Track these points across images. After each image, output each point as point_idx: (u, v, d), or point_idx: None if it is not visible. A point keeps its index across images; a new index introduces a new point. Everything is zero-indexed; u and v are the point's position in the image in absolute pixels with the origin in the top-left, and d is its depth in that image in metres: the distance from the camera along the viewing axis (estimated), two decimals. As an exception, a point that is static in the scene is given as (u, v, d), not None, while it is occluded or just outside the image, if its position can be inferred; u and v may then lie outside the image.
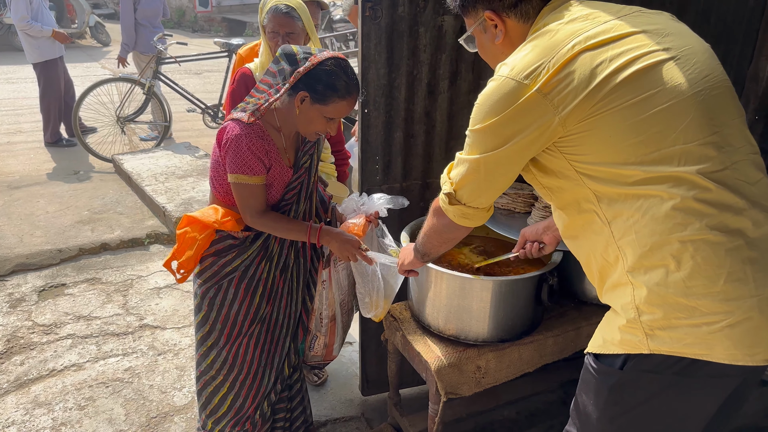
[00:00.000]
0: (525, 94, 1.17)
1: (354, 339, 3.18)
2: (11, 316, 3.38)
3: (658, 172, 1.14)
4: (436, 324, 1.99)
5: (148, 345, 3.15)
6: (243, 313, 2.01)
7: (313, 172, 2.05)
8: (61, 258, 4.04)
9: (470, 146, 1.30)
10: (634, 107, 1.14)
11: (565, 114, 1.16)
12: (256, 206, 1.90)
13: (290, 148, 1.99)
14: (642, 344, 1.20)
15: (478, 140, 1.27)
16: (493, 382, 1.98)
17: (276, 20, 2.42)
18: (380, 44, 2.09)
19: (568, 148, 1.22)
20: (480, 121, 1.25)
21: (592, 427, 1.34)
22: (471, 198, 1.36)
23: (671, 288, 1.15)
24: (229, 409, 2.10)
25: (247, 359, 2.06)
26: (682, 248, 1.14)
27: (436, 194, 2.44)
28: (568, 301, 2.21)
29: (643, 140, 1.15)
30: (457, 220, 1.42)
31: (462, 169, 1.34)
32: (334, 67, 1.79)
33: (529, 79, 1.17)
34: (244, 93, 2.39)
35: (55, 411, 2.67)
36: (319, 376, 2.87)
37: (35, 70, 6.06)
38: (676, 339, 1.17)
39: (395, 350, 2.24)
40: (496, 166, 1.28)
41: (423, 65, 2.18)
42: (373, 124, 2.20)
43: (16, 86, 9.10)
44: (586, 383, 1.35)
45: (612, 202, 1.21)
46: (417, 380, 2.61)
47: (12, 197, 5.04)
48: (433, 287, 1.95)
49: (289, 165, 1.97)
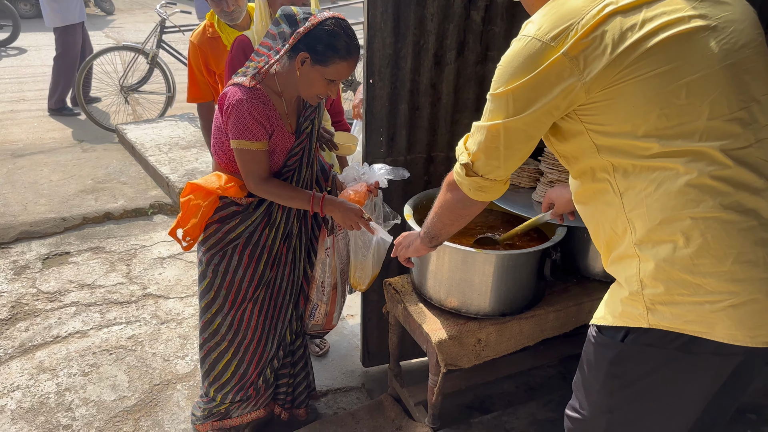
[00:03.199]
0: (551, 56, 1.12)
1: (356, 312, 3.19)
2: (16, 283, 3.40)
3: (678, 147, 1.11)
4: (437, 297, 1.99)
5: (151, 314, 3.17)
6: (248, 279, 2.02)
7: (314, 138, 2.03)
8: (65, 227, 4.05)
9: (491, 112, 1.24)
10: (660, 77, 1.10)
11: (590, 80, 1.12)
12: (259, 172, 1.89)
13: (292, 113, 1.97)
14: (642, 318, 1.20)
15: (500, 105, 1.21)
16: (493, 354, 1.99)
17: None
18: (386, 12, 2.05)
19: (589, 117, 1.18)
20: (503, 83, 1.19)
21: (592, 401, 1.35)
22: (489, 169, 1.30)
23: (677, 264, 1.14)
24: (233, 375, 2.12)
25: (251, 324, 2.08)
26: (693, 225, 1.12)
27: (441, 168, 2.46)
28: (571, 276, 2.20)
29: (667, 113, 1.11)
30: (472, 194, 1.36)
31: (480, 138, 1.28)
32: (335, 27, 1.76)
33: (556, 41, 1.12)
34: (243, 60, 2.34)
35: (60, 376, 2.70)
36: (321, 346, 2.89)
37: (54, 34, 5.96)
38: (677, 315, 1.16)
39: (396, 323, 2.25)
40: (517, 134, 1.23)
41: (430, 35, 2.14)
42: (377, 95, 2.17)
43: (21, 53, 9.03)
44: (587, 355, 1.35)
45: (627, 174, 1.18)
46: (417, 352, 2.63)
47: (16, 165, 5.04)
48: (435, 260, 1.94)
49: (291, 131, 1.95)
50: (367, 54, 2.10)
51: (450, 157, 2.39)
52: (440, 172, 2.40)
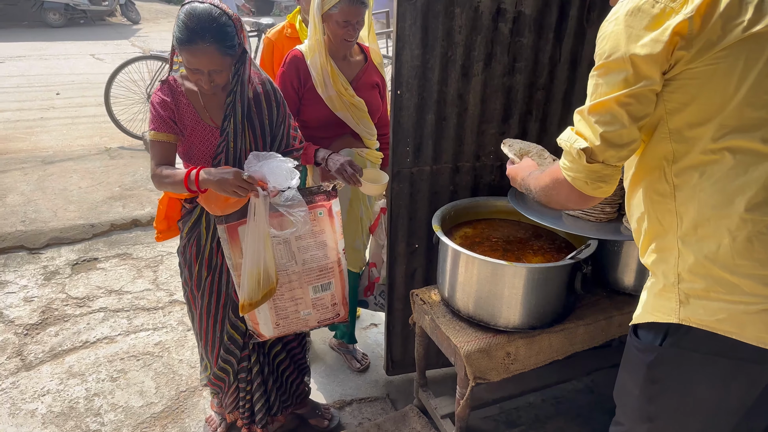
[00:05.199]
0: (671, 17, 1.06)
1: (380, 321, 3.19)
2: (46, 288, 3.47)
3: (747, 144, 1.09)
4: (466, 309, 1.98)
5: (178, 320, 3.21)
6: (190, 279, 2.13)
7: (238, 139, 1.93)
8: (94, 233, 4.12)
9: (604, 85, 1.14)
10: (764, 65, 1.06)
11: (696, 50, 1.06)
12: (154, 162, 1.91)
13: (213, 107, 1.94)
14: (673, 312, 1.18)
15: (616, 75, 1.12)
16: (521, 368, 1.97)
17: (352, 10, 2.22)
18: (415, 25, 2.06)
19: (672, 95, 1.14)
20: (618, 48, 1.11)
21: (632, 407, 1.32)
22: (612, 153, 1.17)
23: (719, 262, 1.12)
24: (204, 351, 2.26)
25: (198, 319, 2.20)
26: (742, 225, 1.10)
27: (467, 178, 2.45)
28: (601, 290, 2.18)
29: (754, 102, 1.07)
30: (590, 188, 1.22)
31: (598, 118, 1.16)
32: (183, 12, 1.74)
33: (675, 2, 1.06)
34: (294, 76, 2.33)
35: (89, 381, 2.74)
36: (363, 362, 2.87)
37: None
38: (710, 312, 1.14)
39: (423, 333, 2.24)
40: (640, 106, 1.13)
41: (458, 46, 2.14)
42: (405, 105, 2.18)
43: (48, 63, 9.24)
44: (627, 360, 1.33)
45: (685, 166, 1.15)
46: (442, 362, 2.62)
47: (46, 172, 5.15)
48: (464, 272, 1.94)
49: (215, 125, 1.94)
50: (395, 65, 2.11)
51: (476, 167, 2.38)
52: (466, 182, 2.40)
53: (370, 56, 2.47)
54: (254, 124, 1.97)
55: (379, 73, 2.50)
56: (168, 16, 14.02)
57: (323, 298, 2.11)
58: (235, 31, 1.79)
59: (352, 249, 2.56)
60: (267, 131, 2.01)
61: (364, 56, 2.47)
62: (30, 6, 12.21)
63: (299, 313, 2.10)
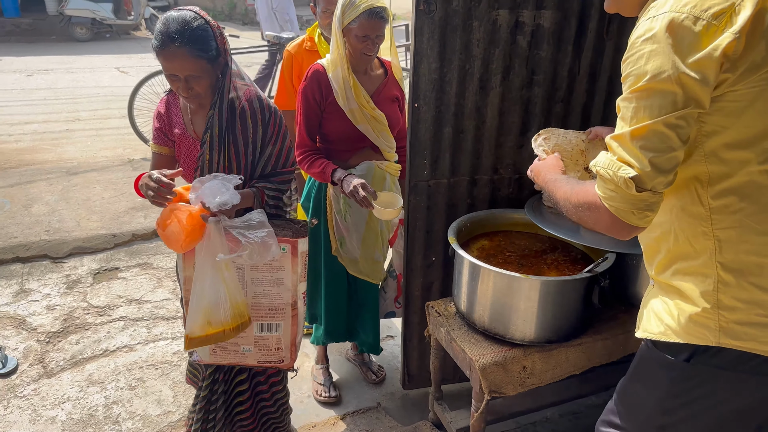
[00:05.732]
0: (716, 35, 1.01)
1: (396, 333, 3.19)
2: (68, 297, 3.53)
3: None
4: (481, 322, 1.98)
5: (196, 330, 3.23)
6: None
7: (214, 152, 1.88)
8: (116, 243, 4.19)
9: (648, 109, 1.07)
10: None
11: (741, 72, 1.03)
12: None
13: (199, 119, 1.93)
14: (712, 336, 1.15)
15: (663, 97, 1.05)
16: (538, 383, 1.95)
17: (371, 24, 2.22)
18: (433, 38, 2.08)
19: (710, 117, 1.10)
20: (663, 69, 1.04)
21: (639, 416, 1.30)
22: (661, 179, 1.10)
23: (764, 287, 1.11)
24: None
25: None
26: None
27: (484, 191, 2.45)
28: (619, 304, 2.15)
29: None
30: (636, 219, 1.14)
31: (644, 143, 1.08)
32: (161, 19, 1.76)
33: (718, 20, 1.01)
34: (316, 90, 2.33)
35: (108, 389, 2.78)
36: (378, 374, 2.87)
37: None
38: (752, 335, 1.13)
39: (438, 346, 2.23)
40: (689, 128, 1.07)
41: (475, 60, 2.15)
42: (422, 118, 2.19)
43: (75, 75, 9.45)
44: (642, 371, 1.29)
45: (724, 189, 1.11)
46: (459, 377, 2.60)
47: (70, 183, 5.26)
48: (480, 285, 1.93)
49: (197, 137, 1.93)
50: (412, 78, 2.13)
51: (494, 180, 2.38)
52: (484, 195, 2.39)
53: (390, 70, 2.49)
54: (237, 140, 1.90)
55: (399, 87, 2.52)
56: (191, 30, 14.33)
57: (267, 338, 1.98)
58: (212, 36, 1.78)
59: (372, 261, 2.57)
60: (250, 149, 1.94)
61: (384, 70, 2.49)
62: (58, 21, 12.53)
63: (239, 347, 1.97)
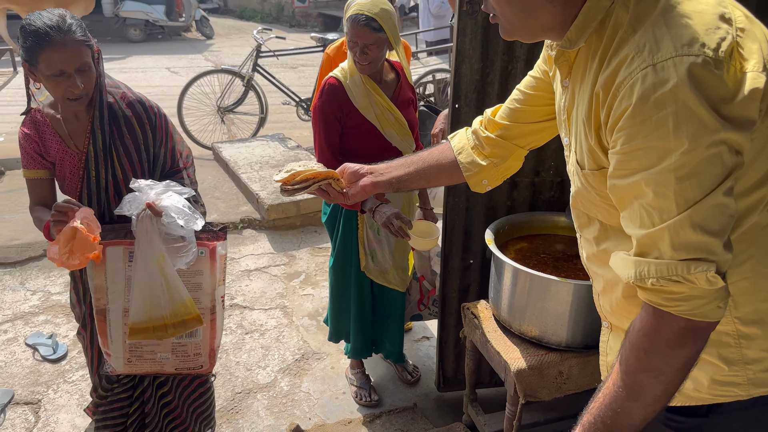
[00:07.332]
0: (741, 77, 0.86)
1: (432, 334, 3.19)
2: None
3: None
4: (518, 325, 1.96)
5: (237, 323, 3.31)
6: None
7: (100, 165, 1.80)
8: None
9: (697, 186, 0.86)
10: None
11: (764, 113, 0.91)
12: (30, 203, 1.82)
13: (78, 132, 1.81)
14: (742, 390, 1.08)
15: (710, 166, 0.86)
16: (575, 389, 1.92)
17: (354, 30, 2.20)
18: (476, 39, 2.07)
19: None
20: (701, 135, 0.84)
21: None
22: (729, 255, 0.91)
23: None
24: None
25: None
26: None
27: (524, 193, 2.42)
28: (661, 311, 2.10)
29: None
30: (715, 313, 0.92)
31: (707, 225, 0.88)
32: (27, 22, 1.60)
33: (731, 55, 0.86)
34: (335, 106, 2.31)
35: (151, 378, 2.87)
36: (414, 375, 2.87)
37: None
38: None
39: (473, 348, 2.22)
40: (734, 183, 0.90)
41: (518, 60, 2.14)
42: (463, 120, 2.19)
43: (128, 75, 9.78)
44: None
45: (734, 239, 0.96)
46: (495, 381, 2.58)
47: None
48: (518, 287, 1.92)
49: (81, 151, 1.81)
50: (454, 79, 2.13)
51: (535, 183, 2.35)
52: (524, 197, 2.37)
53: (402, 73, 2.49)
54: (129, 149, 1.84)
55: (412, 88, 2.54)
56: (240, 31, 14.60)
57: (186, 344, 1.92)
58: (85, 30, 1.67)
59: (402, 270, 2.61)
60: (144, 156, 1.88)
61: (396, 74, 2.49)
62: (113, 22, 13.02)
63: (156, 355, 1.91)
